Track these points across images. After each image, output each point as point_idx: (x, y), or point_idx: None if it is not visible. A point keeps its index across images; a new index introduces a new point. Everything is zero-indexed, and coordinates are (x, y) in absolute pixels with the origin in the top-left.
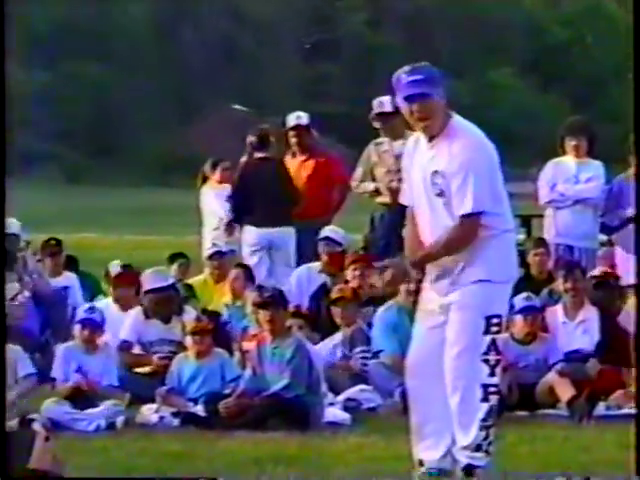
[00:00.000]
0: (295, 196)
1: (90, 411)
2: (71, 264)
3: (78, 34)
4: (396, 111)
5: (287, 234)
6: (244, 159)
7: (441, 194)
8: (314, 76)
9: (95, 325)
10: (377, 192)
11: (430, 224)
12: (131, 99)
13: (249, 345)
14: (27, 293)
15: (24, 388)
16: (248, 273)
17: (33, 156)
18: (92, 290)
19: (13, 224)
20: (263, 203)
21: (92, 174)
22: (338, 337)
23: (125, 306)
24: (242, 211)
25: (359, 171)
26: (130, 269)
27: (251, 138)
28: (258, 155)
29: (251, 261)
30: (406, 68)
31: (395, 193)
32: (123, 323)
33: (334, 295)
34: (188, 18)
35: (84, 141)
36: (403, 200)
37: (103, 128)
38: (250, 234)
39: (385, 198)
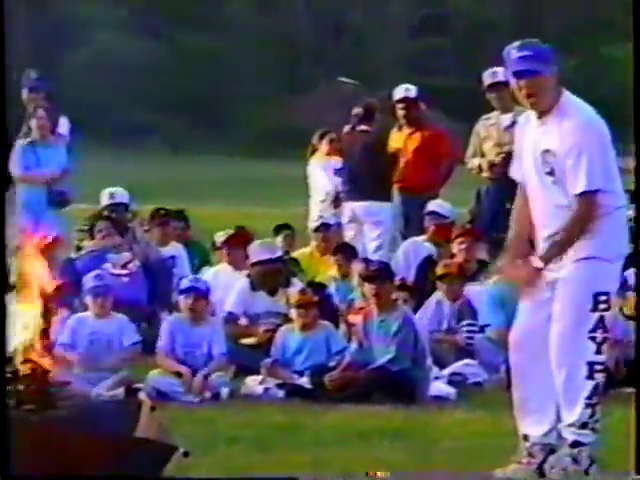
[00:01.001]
0: (389, 171)
1: (194, 383)
2: (180, 218)
3: (188, 5)
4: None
5: (382, 208)
6: (346, 130)
7: (551, 173)
8: (422, 49)
9: (199, 294)
10: (480, 168)
11: (540, 201)
12: (238, 71)
13: (355, 318)
14: (137, 262)
15: (129, 356)
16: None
17: (140, 127)
18: (199, 259)
19: (122, 193)
20: (357, 176)
21: (198, 145)
22: (432, 303)
23: (239, 267)
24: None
25: (470, 149)
26: (242, 230)
27: (357, 110)
28: (360, 127)
29: (347, 235)
30: (516, 43)
31: (495, 167)
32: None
33: (440, 271)
34: None
35: (191, 112)
36: (512, 174)
37: (210, 99)
38: (345, 207)
39: (487, 172)
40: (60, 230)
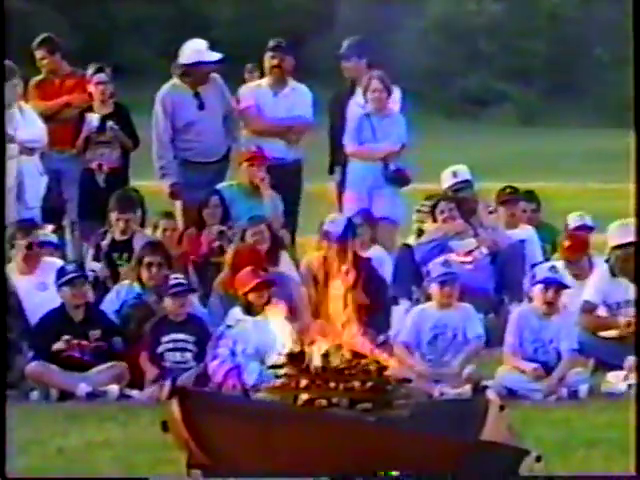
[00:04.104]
0: None
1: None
2: (530, 199)
3: None
4: None
5: None
6: None
7: None
8: None
9: (560, 286)
10: None
11: None
12: (591, 30)
13: None
14: (484, 249)
15: (472, 350)
16: None
17: (485, 96)
18: (551, 243)
19: (465, 171)
20: None
21: (550, 115)
22: None
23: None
24: None
25: None
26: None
27: None
28: None
29: None
30: None
31: None
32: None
33: None
34: None
35: (541, 78)
36: None
37: (562, 63)
38: None
39: None
40: (397, 210)
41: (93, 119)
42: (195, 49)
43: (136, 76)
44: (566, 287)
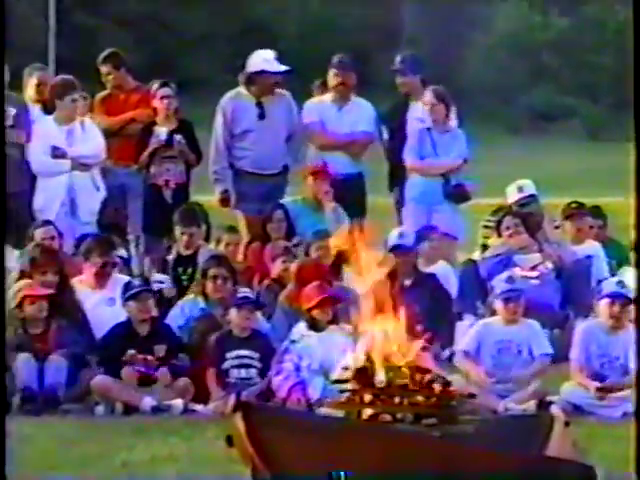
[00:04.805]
0: None
1: (616, 395)
2: (597, 215)
3: None
4: None
5: None
6: None
7: None
8: None
9: (626, 301)
10: None
11: None
12: None
13: None
14: (549, 264)
15: (540, 366)
16: None
17: (552, 111)
18: (618, 259)
19: (531, 186)
20: None
21: (617, 129)
22: None
23: None
24: None
25: None
26: None
27: None
28: None
29: None
30: None
31: None
32: None
33: None
34: None
35: (608, 93)
36: None
37: (629, 77)
38: None
39: None
40: (457, 226)
41: (161, 132)
42: (263, 58)
43: (200, 91)
44: (633, 302)
